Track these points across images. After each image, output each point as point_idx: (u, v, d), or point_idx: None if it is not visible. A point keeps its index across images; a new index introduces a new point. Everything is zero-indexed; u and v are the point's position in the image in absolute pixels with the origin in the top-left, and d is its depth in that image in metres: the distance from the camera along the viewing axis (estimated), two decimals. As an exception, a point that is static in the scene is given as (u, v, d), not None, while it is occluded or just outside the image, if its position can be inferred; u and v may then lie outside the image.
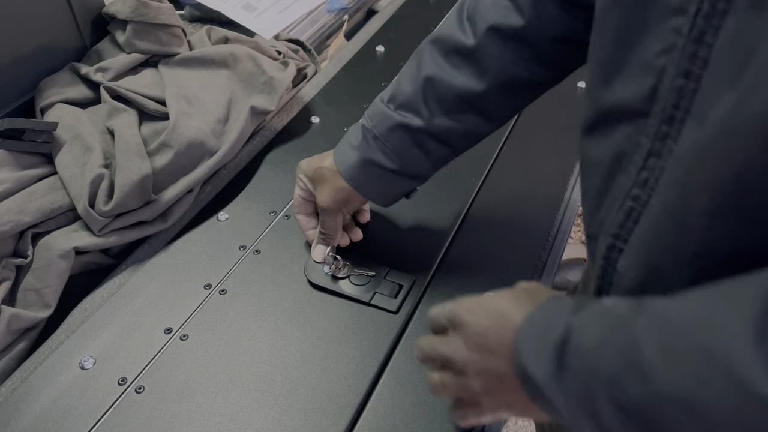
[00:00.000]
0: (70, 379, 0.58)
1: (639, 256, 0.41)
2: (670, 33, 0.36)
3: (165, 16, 0.86)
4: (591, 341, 0.35)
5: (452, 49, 0.59)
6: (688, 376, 0.30)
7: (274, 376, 0.59)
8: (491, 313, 0.43)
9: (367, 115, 0.64)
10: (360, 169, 0.63)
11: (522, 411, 0.43)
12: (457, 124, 0.61)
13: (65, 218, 0.71)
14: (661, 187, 0.38)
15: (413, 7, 1.21)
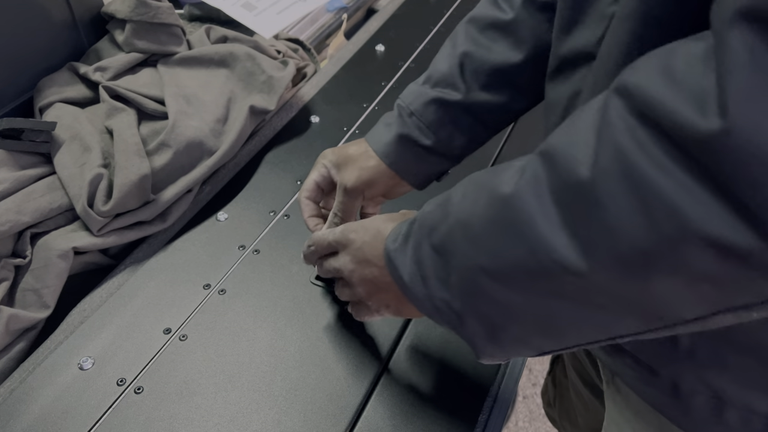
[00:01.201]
0: (69, 380, 0.58)
1: None
2: None
3: (164, 15, 0.86)
4: (427, 209, 0.45)
5: (489, 25, 0.61)
6: (469, 204, 0.40)
7: (274, 377, 0.58)
8: (369, 231, 0.51)
9: (401, 96, 0.65)
10: (395, 144, 0.63)
11: (397, 308, 0.51)
12: (494, 98, 0.61)
13: (64, 218, 0.71)
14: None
15: (413, 6, 1.21)
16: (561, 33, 0.49)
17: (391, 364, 0.60)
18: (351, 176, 0.63)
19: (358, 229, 0.52)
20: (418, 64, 1.04)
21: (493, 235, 0.38)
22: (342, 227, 0.54)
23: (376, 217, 0.53)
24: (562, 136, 0.35)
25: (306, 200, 0.67)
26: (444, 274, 0.42)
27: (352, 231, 0.53)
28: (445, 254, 0.41)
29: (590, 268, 0.33)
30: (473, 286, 0.40)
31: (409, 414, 0.56)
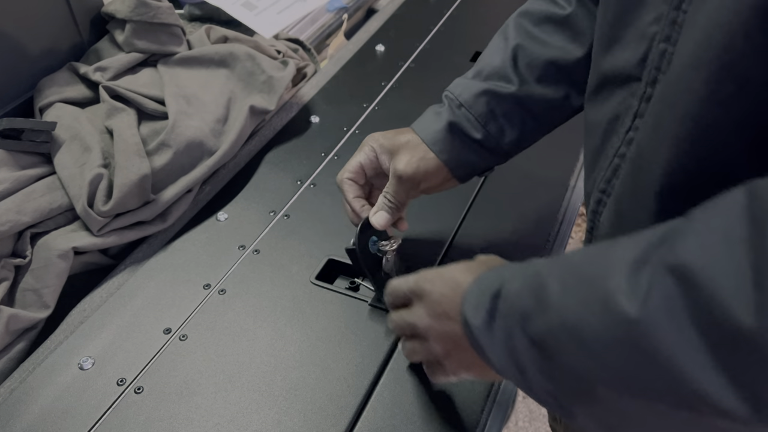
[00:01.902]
0: (69, 380, 0.58)
1: (612, 206, 0.46)
2: (661, 3, 0.40)
3: (164, 15, 0.86)
4: (515, 287, 0.40)
5: (545, 19, 0.59)
6: (575, 305, 0.34)
7: (274, 377, 0.58)
8: (447, 282, 0.47)
9: (449, 89, 0.62)
10: (445, 132, 0.60)
11: (480, 372, 0.46)
12: (548, 92, 0.59)
13: (64, 218, 0.71)
14: (638, 141, 0.43)
15: (413, 7, 1.21)
16: (600, 50, 0.47)
17: (392, 364, 0.60)
18: (410, 165, 0.60)
19: (434, 279, 0.48)
20: (418, 64, 1.04)
21: (619, 357, 0.32)
22: (416, 276, 0.50)
23: (452, 267, 0.48)
24: (696, 251, 0.29)
25: (349, 181, 0.64)
26: (548, 370, 0.37)
27: (427, 281, 0.49)
28: (549, 352, 0.36)
29: (759, 418, 0.28)
30: (590, 394, 0.35)
31: (409, 414, 0.56)
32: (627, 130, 0.44)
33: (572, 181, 0.82)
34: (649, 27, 0.41)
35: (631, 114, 0.43)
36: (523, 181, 0.82)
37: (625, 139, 0.44)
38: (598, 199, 0.48)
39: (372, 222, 0.62)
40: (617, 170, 0.45)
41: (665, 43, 0.40)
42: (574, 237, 1.88)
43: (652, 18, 0.41)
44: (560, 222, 0.77)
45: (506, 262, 0.48)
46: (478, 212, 0.77)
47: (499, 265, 0.46)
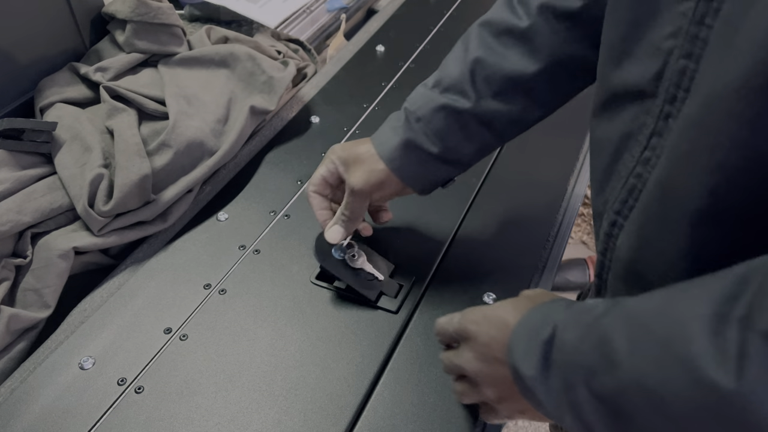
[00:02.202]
0: (70, 380, 0.58)
1: (636, 230, 0.43)
2: (679, 17, 0.38)
3: (165, 15, 0.86)
4: (571, 338, 0.38)
5: (504, 30, 0.58)
6: (651, 366, 0.32)
7: (274, 377, 0.59)
8: (494, 323, 0.45)
9: (409, 99, 0.62)
10: (401, 150, 0.61)
11: (534, 415, 0.45)
12: (505, 107, 0.59)
13: (65, 218, 0.71)
14: (661, 164, 0.40)
15: (413, 7, 1.21)
16: (609, 64, 0.45)
17: (391, 364, 0.60)
18: (360, 179, 0.62)
19: (480, 320, 0.47)
20: (418, 65, 1.04)
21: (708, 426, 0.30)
22: (460, 316, 0.49)
23: (497, 306, 0.47)
24: None
25: (314, 194, 0.66)
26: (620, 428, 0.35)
27: (473, 322, 0.47)
28: (621, 412, 0.34)
29: None
30: None
31: (409, 414, 0.56)
32: (642, 149, 0.42)
33: (572, 181, 0.82)
34: (664, 41, 0.39)
35: (647, 132, 0.41)
36: (523, 181, 0.82)
37: (641, 159, 0.42)
38: (612, 221, 0.45)
39: (326, 237, 0.65)
40: (633, 191, 0.43)
41: (686, 60, 0.37)
42: (574, 237, 1.88)
43: (668, 32, 0.39)
44: (560, 222, 0.77)
45: (553, 296, 0.46)
46: (478, 212, 0.77)
47: (546, 302, 0.43)
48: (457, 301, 0.66)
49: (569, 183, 0.82)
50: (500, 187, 0.81)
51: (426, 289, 0.67)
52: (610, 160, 0.46)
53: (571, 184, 0.82)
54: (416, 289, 0.67)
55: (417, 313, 0.65)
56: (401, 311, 0.64)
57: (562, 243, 0.75)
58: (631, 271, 0.44)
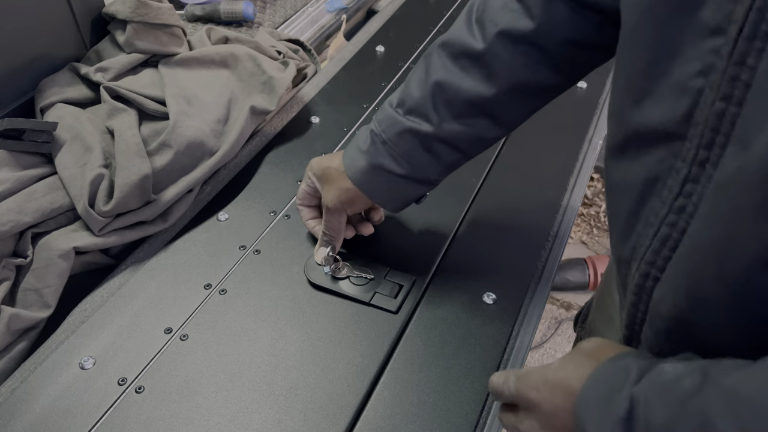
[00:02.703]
0: (70, 379, 0.58)
1: (679, 287, 0.39)
2: (708, 54, 0.35)
3: (165, 16, 0.86)
4: (660, 419, 0.33)
5: (461, 53, 0.58)
6: None
7: (274, 377, 0.59)
8: (557, 390, 0.41)
9: (376, 119, 0.63)
10: (369, 173, 0.62)
11: None
12: (467, 129, 0.60)
13: (65, 218, 0.71)
14: (702, 216, 0.37)
15: (413, 7, 1.21)
16: (627, 102, 0.42)
17: (391, 364, 0.60)
18: (332, 197, 0.64)
19: (540, 386, 0.42)
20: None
21: None
22: (516, 380, 0.45)
23: (556, 367, 0.42)
24: None
25: (301, 207, 0.71)
26: None
27: (533, 388, 0.43)
28: None
29: None
30: None
31: (409, 414, 0.56)
32: (675, 196, 0.39)
33: (572, 181, 0.82)
34: (691, 80, 0.36)
35: (679, 178, 0.38)
36: (523, 181, 0.82)
37: (675, 207, 0.39)
38: (645, 273, 0.42)
39: (315, 258, 0.69)
40: (667, 241, 0.40)
41: (724, 102, 0.34)
42: (574, 237, 1.88)
43: (696, 70, 0.36)
44: (560, 222, 0.77)
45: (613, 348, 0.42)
46: (478, 212, 0.77)
47: (611, 363, 0.39)
48: (457, 301, 0.66)
49: (569, 183, 0.82)
50: (500, 187, 0.81)
51: (426, 289, 0.67)
52: (634, 205, 0.43)
53: (571, 184, 0.82)
54: (416, 289, 0.67)
55: (417, 313, 0.65)
56: (401, 311, 0.64)
57: (562, 243, 0.75)
58: (678, 329, 0.41)
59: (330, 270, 0.67)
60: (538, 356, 1.60)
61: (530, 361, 1.59)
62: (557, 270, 0.73)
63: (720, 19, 0.34)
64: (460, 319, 0.64)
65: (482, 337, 0.62)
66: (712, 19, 0.35)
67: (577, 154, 0.87)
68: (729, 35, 0.34)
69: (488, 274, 0.69)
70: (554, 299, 1.73)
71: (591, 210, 1.96)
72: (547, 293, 0.69)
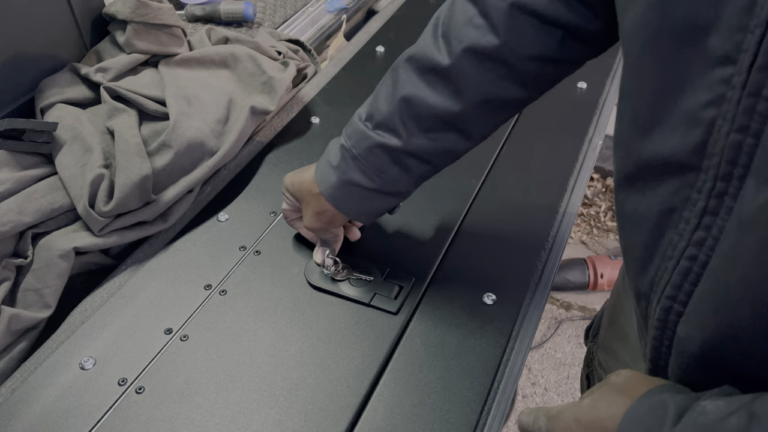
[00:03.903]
0: (71, 380, 0.58)
1: (707, 323, 0.38)
2: (717, 84, 0.35)
3: (165, 16, 0.86)
4: None
5: (427, 68, 0.58)
6: None
7: (274, 377, 0.59)
8: (591, 429, 0.40)
9: (346, 134, 0.63)
10: (340, 189, 0.63)
11: None
12: (436, 143, 0.60)
13: (65, 218, 0.71)
14: (725, 250, 0.36)
15: (413, 8, 1.21)
16: (635, 134, 0.41)
17: (391, 364, 0.60)
18: (311, 220, 0.66)
19: (572, 426, 0.41)
20: (418, 65, 1.04)
21: None
22: (548, 420, 0.43)
23: (589, 405, 0.41)
24: None
25: (292, 222, 0.72)
26: None
27: (566, 429, 0.41)
28: None
29: None
30: None
31: (409, 414, 0.56)
32: (694, 229, 0.38)
33: (572, 181, 0.83)
34: (702, 110, 0.35)
35: (696, 210, 0.37)
36: (523, 182, 0.82)
37: (693, 239, 0.38)
38: (667, 307, 0.41)
39: (314, 260, 0.69)
40: (688, 274, 0.39)
41: (740, 134, 0.34)
42: (573, 237, 1.88)
43: (706, 100, 0.35)
44: (560, 222, 0.77)
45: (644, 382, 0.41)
46: (478, 212, 0.77)
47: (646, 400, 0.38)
48: (457, 301, 0.66)
49: (569, 183, 0.82)
50: (500, 187, 0.81)
51: (426, 290, 0.67)
52: (650, 237, 0.42)
53: (570, 184, 0.82)
54: (416, 289, 0.67)
55: (417, 313, 0.65)
56: (401, 312, 0.64)
57: (561, 243, 0.75)
58: (709, 364, 0.40)
59: (330, 272, 0.67)
60: (538, 356, 1.60)
61: (530, 361, 1.59)
62: (557, 270, 0.73)
63: (729, 48, 0.34)
64: (460, 319, 0.64)
65: (482, 337, 0.62)
66: (720, 48, 0.34)
67: (577, 155, 0.87)
68: (740, 65, 0.33)
69: (488, 274, 0.69)
70: (554, 299, 1.73)
71: (591, 210, 1.96)
72: (547, 293, 0.69)
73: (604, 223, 1.93)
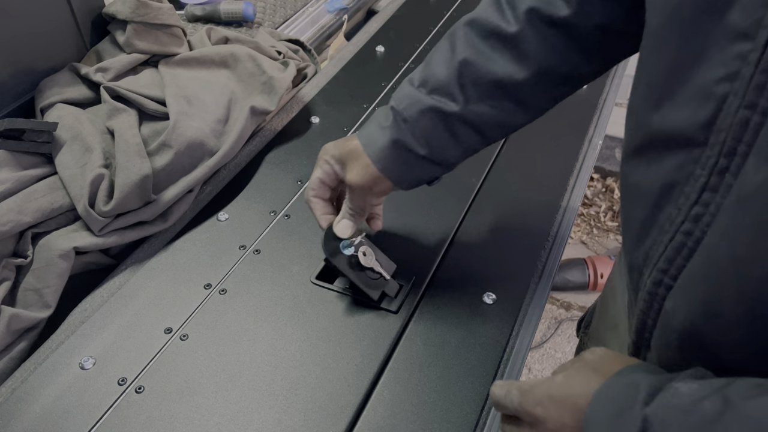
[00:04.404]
0: (70, 380, 0.58)
1: (694, 298, 0.39)
2: (733, 59, 0.34)
3: (165, 16, 0.86)
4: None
5: (490, 33, 0.57)
6: None
7: (274, 376, 0.59)
8: (563, 406, 0.40)
9: (396, 98, 0.61)
10: (388, 150, 0.60)
11: None
12: (493, 111, 0.58)
13: (65, 218, 0.71)
14: (720, 228, 0.36)
15: (413, 7, 1.21)
16: (647, 105, 0.42)
17: (391, 364, 0.60)
18: (357, 175, 0.61)
19: (546, 403, 0.41)
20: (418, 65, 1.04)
21: None
22: (519, 395, 0.43)
23: (561, 381, 0.41)
24: None
25: (315, 199, 0.66)
26: None
27: (538, 404, 0.41)
28: None
29: None
30: None
31: (409, 413, 0.56)
32: (692, 204, 0.38)
33: (572, 181, 0.83)
34: (716, 86, 0.35)
35: (697, 186, 0.37)
36: (523, 181, 0.82)
37: (691, 215, 0.38)
38: (657, 280, 0.41)
39: (335, 231, 0.64)
40: (681, 249, 0.39)
41: (748, 111, 0.33)
42: (574, 237, 1.88)
43: (721, 75, 0.35)
44: (560, 222, 0.77)
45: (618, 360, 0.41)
46: (478, 212, 0.77)
47: (619, 378, 0.38)
48: (457, 301, 0.66)
49: (569, 183, 0.82)
50: (500, 187, 0.81)
51: (426, 289, 0.67)
52: (650, 211, 0.42)
53: (571, 184, 0.82)
54: (416, 289, 0.67)
55: (417, 313, 0.65)
56: (401, 311, 0.64)
57: (562, 243, 0.75)
58: (690, 340, 0.40)
59: (353, 250, 0.64)
60: (538, 356, 1.60)
61: (530, 361, 1.59)
62: (557, 270, 0.73)
63: (749, 24, 0.33)
64: (460, 319, 0.64)
65: (482, 337, 0.62)
66: (740, 23, 0.34)
67: (577, 154, 0.87)
68: (758, 41, 0.33)
69: (488, 274, 0.69)
70: (554, 299, 1.73)
71: (591, 210, 1.96)
72: (547, 293, 0.69)
73: (604, 223, 1.93)
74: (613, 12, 0.54)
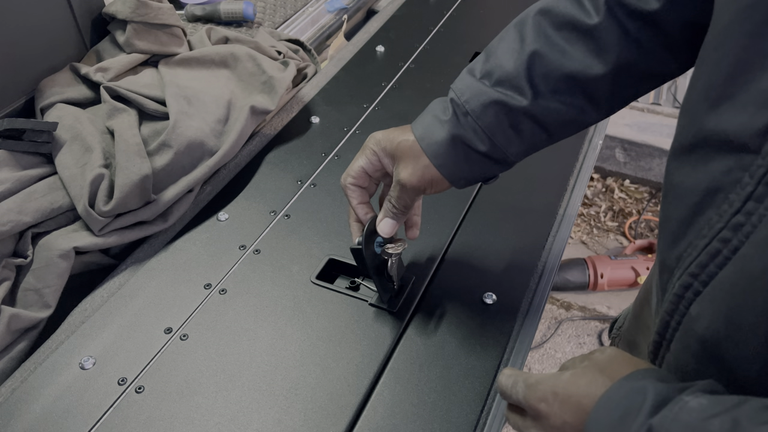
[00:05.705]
0: (70, 379, 0.58)
1: (720, 307, 0.38)
2: None
3: (165, 16, 0.86)
4: None
5: (567, 23, 0.53)
6: None
7: (274, 376, 0.59)
8: (567, 405, 0.40)
9: (456, 89, 0.57)
10: (448, 146, 0.56)
11: None
12: (563, 107, 0.55)
13: (65, 218, 0.71)
14: (759, 239, 0.35)
15: (413, 7, 1.21)
16: (704, 104, 0.40)
17: (391, 364, 0.60)
18: (412, 175, 0.57)
19: (550, 399, 0.41)
20: (418, 65, 1.04)
21: None
22: (525, 388, 0.43)
23: (568, 381, 0.41)
24: None
25: (353, 187, 0.62)
26: None
27: (542, 400, 0.41)
28: None
29: None
30: None
31: (409, 413, 0.56)
32: (735, 212, 0.37)
33: (572, 181, 0.82)
34: None
35: (743, 194, 0.36)
36: (523, 182, 0.82)
37: (732, 223, 0.37)
38: (687, 284, 0.40)
39: (378, 230, 0.61)
40: (716, 257, 0.38)
41: None
42: (574, 237, 1.88)
43: None
44: (560, 222, 0.77)
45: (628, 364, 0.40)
46: (478, 212, 0.77)
47: (625, 382, 0.38)
48: (457, 301, 0.66)
49: (569, 183, 0.82)
50: (500, 186, 0.81)
51: (426, 289, 0.67)
52: (690, 213, 0.41)
53: (571, 184, 0.82)
54: (416, 289, 0.67)
55: (417, 313, 0.65)
56: (401, 312, 0.64)
57: (562, 243, 0.75)
58: (710, 350, 0.40)
59: (389, 251, 0.61)
60: (538, 356, 1.60)
61: (530, 361, 1.59)
62: (557, 270, 0.73)
63: None
64: (460, 319, 0.64)
65: (482, 337, 0.62)
66: None
67: (577, 154, 0.87)
68: None
69: (488, 274, 0.69)
70: (554, 299, 1.73)
71: (591, 210, 1.96)
72: (547, 293, 0.69)
73: (604, 223, 1.93)
74: (705, 7, 0.49)
